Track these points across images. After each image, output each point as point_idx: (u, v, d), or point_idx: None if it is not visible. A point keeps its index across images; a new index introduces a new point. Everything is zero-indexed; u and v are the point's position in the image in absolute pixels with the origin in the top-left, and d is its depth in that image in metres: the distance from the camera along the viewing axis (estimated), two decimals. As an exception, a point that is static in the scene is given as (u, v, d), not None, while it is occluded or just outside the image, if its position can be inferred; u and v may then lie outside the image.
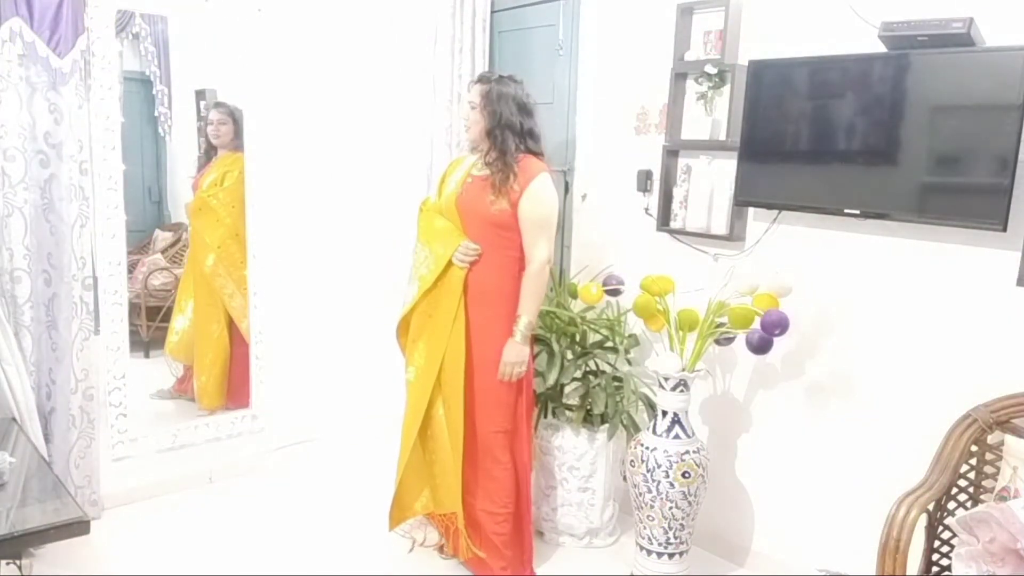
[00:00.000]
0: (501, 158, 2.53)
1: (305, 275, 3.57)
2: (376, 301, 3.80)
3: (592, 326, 3.02)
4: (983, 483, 2.11)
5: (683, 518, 2.58)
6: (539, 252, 2.53)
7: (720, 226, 2.78)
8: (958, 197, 2.19)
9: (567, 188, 3.34)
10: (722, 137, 2.74)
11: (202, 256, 3.56)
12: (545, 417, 3.05)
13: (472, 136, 2.64)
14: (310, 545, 2.94)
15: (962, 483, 2.12)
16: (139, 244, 3.88)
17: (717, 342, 2.61)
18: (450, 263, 2.57)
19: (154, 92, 3.22)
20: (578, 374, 2.95)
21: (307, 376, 3.65)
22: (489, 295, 2.57)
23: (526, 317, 2.54)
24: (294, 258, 3.52)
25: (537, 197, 2.51)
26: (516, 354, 2.55)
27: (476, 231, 2.57)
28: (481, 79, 2.63)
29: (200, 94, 3.36)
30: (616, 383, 2.88)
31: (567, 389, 3.02)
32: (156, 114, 3.25)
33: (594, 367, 3.01)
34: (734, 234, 2.75)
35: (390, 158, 3.81)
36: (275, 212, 3.42)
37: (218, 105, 3.48)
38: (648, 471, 2.56)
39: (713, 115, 2.78)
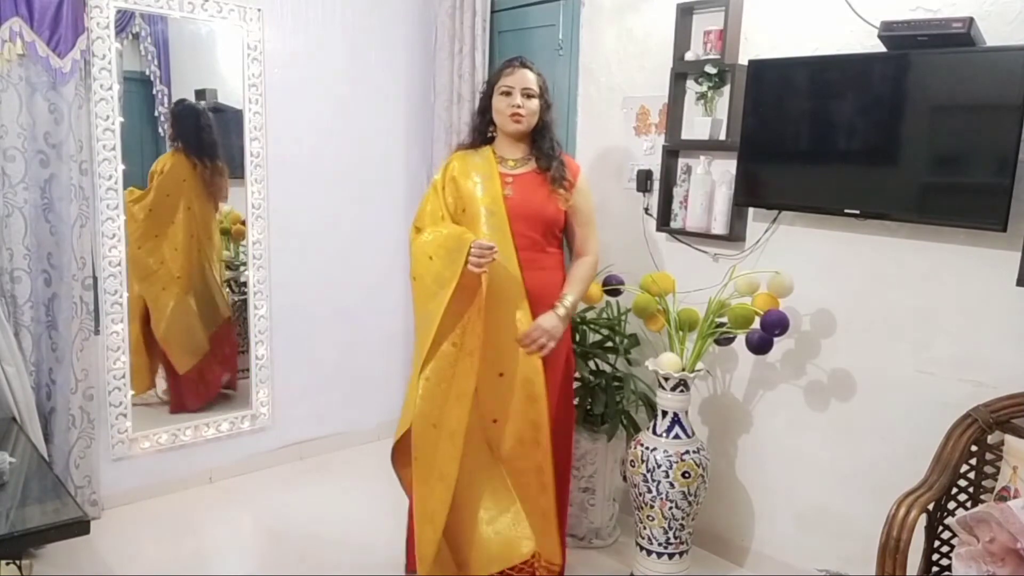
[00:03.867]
0: (552, 149, 2.41)
1: (305, 275, 3.57)
2: (376, 301, 3.81)
3: (592, 326, 3.02)
4: (983, 483, 2.11)
5: (683, 518, 2.58)
6: (595, 244, 2.49)
7: (720, 226, 2.77)
8: (958, 197, 2.19)
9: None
10: (722, 137, 2.75)
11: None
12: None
13: (522, 127, 2.36)
14: (310, 544, 2.94)
15: (962, 483, 2.11)
16: (139, 244, 3.86)
17: (717, 342, 2.61)
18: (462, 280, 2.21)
19: (154, 92, 3.21)
20: (578, 374, 2.95)
21: (307, 376, 3.65)
22: (551, 298, 2.36)
23: (572, 296, 2.36)
24: (295, 258, 3.52)
25: (588, 189, 2.48)
26: (553, 325, 2.29)
27: (528, 230, 2.35)
28: (528, 65, 2.38)
29: (200, 94, 3.34)
30: (616, 383, 2.88)
31: (567, 389, 3.02)
32: (156, 114, 3.24)
33: (594, 367, 3.01)
34: (734, 234, 2.75)
35: (390, 158, 3.81)
36: (275, 212, 3.42)
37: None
38: (648, 471, 2.56)
39: (713, 115, 2.78)
